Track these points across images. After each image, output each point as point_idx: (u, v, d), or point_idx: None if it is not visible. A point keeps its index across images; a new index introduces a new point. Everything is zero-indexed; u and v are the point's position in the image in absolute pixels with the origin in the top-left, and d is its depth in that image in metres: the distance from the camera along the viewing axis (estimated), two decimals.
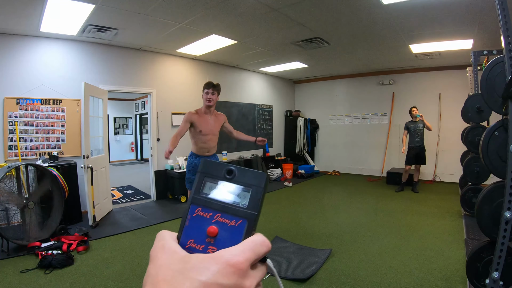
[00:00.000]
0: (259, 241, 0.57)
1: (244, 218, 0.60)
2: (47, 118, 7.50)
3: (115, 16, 6.58)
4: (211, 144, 5.92)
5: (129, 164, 19.57)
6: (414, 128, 10.16)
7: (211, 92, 5.72)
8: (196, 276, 0.49)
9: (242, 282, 0.51)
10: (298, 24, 7.27)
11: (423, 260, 5.22)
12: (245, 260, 0.52)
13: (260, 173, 0.62)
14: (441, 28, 7.43)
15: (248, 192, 0.61)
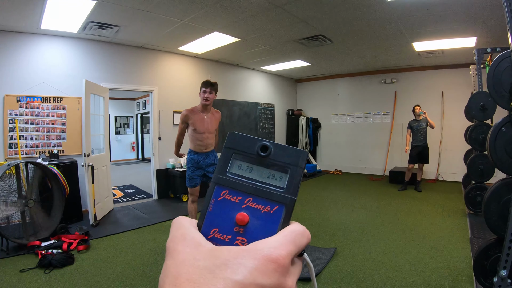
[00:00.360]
0: (299, 231, 0.49)
1: (282, 204, 0.51)
2: (48, 116, 7.47)
3: (116, 12, 6.53)
4: (207, 141, 5.97)
5: (130, 163, 19.52)
6: (417, 126, 10.12)
7: (209, 91, 5.74)
8: (230, 275, 0.40)
9: (285, 280, 0.43)
10: (301, 21, 7.22)
11: (428, 259, 5.17)
12: (287, 255, 0.44)
13: (300, 151, 0.53)
14: (444, 26, 7.37)
15: (286, 173, 0.52)
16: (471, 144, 6.44)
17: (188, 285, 0.40)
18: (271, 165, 0.53)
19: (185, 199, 9.17)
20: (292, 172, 0.52)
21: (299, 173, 0.52)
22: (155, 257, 5.45)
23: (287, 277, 0.43)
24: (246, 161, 0.54)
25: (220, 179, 0.53)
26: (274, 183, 0.52)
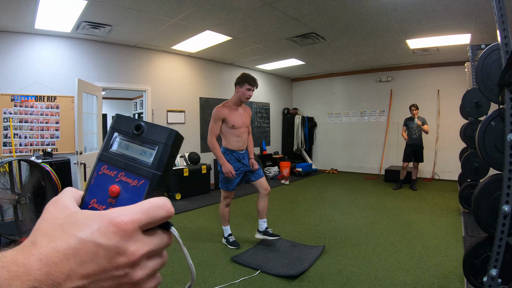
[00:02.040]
0: (157, 203, 0.53)
1: (146, 178, 0.56)
2: (42, 115, 7.52)
3: (108, 12, 6.57)
4: (244, 137, 5.64)
5: None
6: (412, 124, 10.15)
7: (253, 90, 5.53)
8: (75, 232, 0.46)
9: (125, 245, 0.48)
10: (292, 19, 7.24)
11: (419, 258, 5.15)
12: (130, 221, 0.49)
13: (168, 129, 0.58)
14: (438, 22, 7.38)
15: (154, 150, 0.58)
16: (465, 141, 6.41)
17: (40, 236, 0.47)
18: (144, 142, 0.58)
19: (178, 197, 9.24)
20: (159, 149, 0.57)
21: (166, 150, 0.57)
22: None
23: (129, 242, 0.48)
24: (124, 139, 0.59)
25: (102, 156, 0.59)
26: (144, 159, 0.57)
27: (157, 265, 0.54)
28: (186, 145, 10.58)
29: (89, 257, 0.45)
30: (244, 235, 6.32)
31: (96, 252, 0.45)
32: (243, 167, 5.56)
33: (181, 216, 7.73)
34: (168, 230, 0.57)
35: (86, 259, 0.44)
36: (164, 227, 0.56)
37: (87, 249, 0.45)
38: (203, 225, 7.09)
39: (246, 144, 5.72)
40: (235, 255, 5.26)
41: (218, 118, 5.39)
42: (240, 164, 5.54)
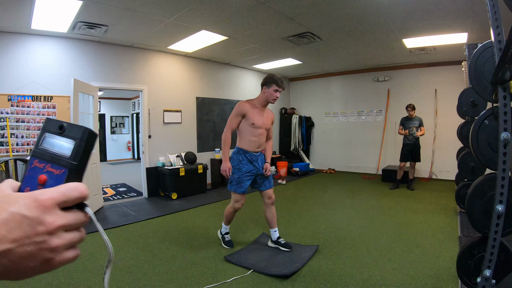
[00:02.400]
0: (72, 186, 0.65)
1: (66, 167, 0.68)
2: (38, 115, 7.51)
3: (103, 12, 6.58)
4: (262, 139, 5.34)
5: (125, 163, 19.50)
6: (409, 124, 10.17)
7: (280, 91, 5.28)
8: (7, 207, 0.58)
9: (44, 216, 0.60)
10: (287, 18, 7.24)
11: (413, 258, 5.12)
12: (49, 198, 0.61)
13: (83, 128, 0.69)
14: (434, 21, 7.37)
15: (73, 144, 0.69)
16: (462, 141, 6.37)
17: None
18: (65, 139, 0.70)
19: (174, 197, 9.26)
20: (76, 144, 0.69)
21: (81, 144, 0.68)
22: (137, 252, 5.49)
23: (47, 214, 0.60)
24: (50, 137, 0.71)
25: (34, 152, 0.71)
26: (64, 152, 0.69)
27: (75, 239, 0.66)
28: (183, 144, 10.58)
29: (16, 225, 0.57)
30: (239, 235, 6.32)
31: (21, 221, 0.57)
32: (255, 169, 5.31)
33: (176, 216, 7.73)
34: (83, 210, 0.68)
35: (13, 227, 0.57)
36: (80, 207, 0.67)
37: (15, 219, 0.57)
38: (198, 224, 7.09)
39: (263, 148, 5.48)
40: (228, 254, 5.25)
41: (239, 113, 5.20)
42: (252, 166, 5.29)
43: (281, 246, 5.46)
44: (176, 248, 5.64)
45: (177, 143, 10.34)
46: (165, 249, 5.61)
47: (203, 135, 11.32)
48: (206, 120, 11.47)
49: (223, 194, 9.87)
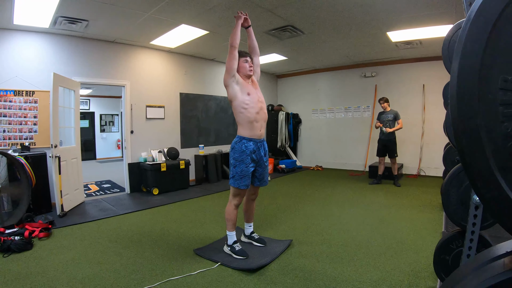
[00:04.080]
0: None
1: None
2: (20, 109, 7.55)
3: (82, 7, 6.57)
4: (264, 115, 4.95)
5: (115, 161, 19.37)
6: (384, 118, 10.22)
7: (248, 58, 4.95)
8: None
9: None
10: (267, 11, 7.21)
11: (392, 254, 5.02)
12: None
13: None
14: (417, 12, 7.30)
15: None
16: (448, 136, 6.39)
17: None
18: None
19: (155, 192, 9.25)
20: None
21: None
22: (109, 244, 5.48)
23: None
24: None
25: None
26: None
27: None
28: (166, 140, 10.55)
29: None
30: (212, 228, 6.33)
31: None
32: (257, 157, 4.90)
33: (154, 210, 7.73)
34: None
35: None
36: None
37: None
38: (175, 218, 7.08)
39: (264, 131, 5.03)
40: (197, 248, 5.23)
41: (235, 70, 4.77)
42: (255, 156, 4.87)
43: (254, 241, 5.37)
44: (147, 241, 5.63)
45: (160, 139, 10.32)
46: (137, 242, 5.59)
47: (187, 131, 11.28)
48: (190, 116, 11.42)
49: (206, 190, 9.87)
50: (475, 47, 0.96)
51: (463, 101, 0.99)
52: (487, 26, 0.93)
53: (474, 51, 0.96)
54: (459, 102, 0.99)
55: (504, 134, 0.98)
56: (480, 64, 0.95)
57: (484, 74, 0.95)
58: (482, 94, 0.96)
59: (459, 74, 0.99)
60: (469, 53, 0.97)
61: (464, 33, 0.97)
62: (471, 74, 0.97)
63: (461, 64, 0.98)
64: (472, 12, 0.97)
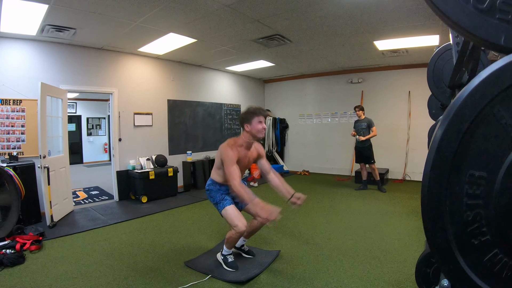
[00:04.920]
0: None
1: None
2: (7, 119, 7.47)
3: (70, 15, 6.55)
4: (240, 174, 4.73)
5: (102, 165, 19.27)
6: (358, 127, 10.42)
7: (264, 120, 4.70)
8: None
9: None
10: (255, 21, 7.26)
11: (376, 263, 5.09)
12: None
13: None
14: (404, 23, 7.41)
15: None
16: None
17: None
18: None
19: (144, 200, 9.24)
20: None
21: None
22: (101, 258, 5.46)
23: None
24: None
25: None
26: None
27: None
28: (154, 147, 10.54)
29: None
30: (201, 239, 6.36)
31: None
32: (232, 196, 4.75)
33: (144, 220, 7.71)
34: None
35: None
36: None
37: None
38: (164, 228, 7.07)
39: None
40: (188, 260, 5.26)
41: (233, 160, 4.53)
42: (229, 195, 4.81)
43: (243, 253, 5.39)
44: (139, 253, 5.64)
45: (148, 146, 10.30)
46: (128, 254, 5.60)
47: (174, 138, 11.29)
48: (178, 123, 11.43)
49: (194, 197, 9.91)
50: (450, 143, 1.10)
51: (432, 190, 1.15)
52: (463, 126, 1.06)
53: (449, 147, 1.10)
54: (430, 190, 1.15)
55: (465, 222, 1.12)
56: (452, 158, 1.09)
57: (455, 168, 1.09)
58: (450, 185, 1.09)
59: (432, 167, 1.16)
60: (444, 148, 1.11)
61: (442, 128, 1.08)
62: (443, 167, 1.12)
63: (435, 157, 1.14)
64: (451, 110, 1.06)
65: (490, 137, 1.04)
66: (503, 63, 1.03)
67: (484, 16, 1.13)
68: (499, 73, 1.00)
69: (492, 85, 1.01)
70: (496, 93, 1.00)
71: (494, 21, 1.12)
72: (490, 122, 1.04)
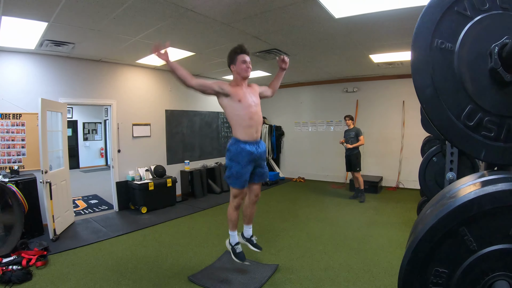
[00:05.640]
0: None
1: None
2: (7, 133, 7.50)
3: (69, 32, 6.61)
4: (258, 119, 4.79)
5: (98, 170, 19.34)
6: (347, 135, 10.73)
7: (249, 60, 4.74)
8: None
9: None
10: (253, 37, 7.37)
11: (369, 277, 5.20)
12: None
13: None
14: (398, 40, 7.55)
15: None
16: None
17: None
18: None
19: (144, 211, 9.32)
20: None
21: None
22: (106, 272, 5.54)
23: None
24: None
25: None
26: None
27: None
28: (152, 157, 10.62)
29: None
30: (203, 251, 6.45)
31: None
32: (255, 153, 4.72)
33: (145, 232, 7.79)
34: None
35: None
36: None
37: None
38: (165, 241, 7.14)
39: (260, 133, 4.91)
40: (192, 275, 5.34)
41: (219, 85, 4.58)
42: (251, 155, 4.68)
43: (251, 245, 5.33)
44: (143, 268, 5.72)
45: (147, 156, 10.38)
46: (133, 269, 5.68)
47: (172, 147, 11.38)
48: (175, 133, 11.52)
49: (193, 207, 9.98)
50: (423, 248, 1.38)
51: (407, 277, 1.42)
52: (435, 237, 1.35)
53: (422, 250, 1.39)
54: (405, 277, 1.43)
55: None
56: (423, 258, 1.37)
57: (425, 264, 1.37)
58: (420, 275, 1.39)
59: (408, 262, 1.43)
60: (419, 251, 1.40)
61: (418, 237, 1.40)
62: (416, 263, 1.40)
63: (410, 257, 1.43)
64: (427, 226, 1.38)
65: (453, 246, 1.29)
66: (472, 197, 1.27)
67: (470, 132, 1.34)
68: (469, 203, 1.24)
69: (462, 212, 1.25)
70: (464, 218, 1.25)
71: (478, 137, 1.37)
72: (455, 237, 1.28)
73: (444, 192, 1.48)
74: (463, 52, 1.41)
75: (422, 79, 1.44)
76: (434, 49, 1.43)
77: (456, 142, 1.41)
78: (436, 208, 1.33)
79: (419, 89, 1.43)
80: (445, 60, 1.44)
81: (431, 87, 1.42)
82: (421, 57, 1.44)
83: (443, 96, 1.42)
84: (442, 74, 1.43)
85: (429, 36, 1.42)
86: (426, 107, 1.43)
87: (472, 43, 1.40)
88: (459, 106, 1.43)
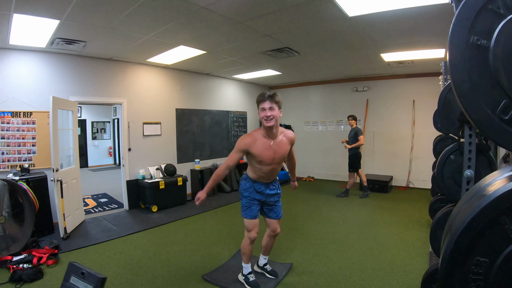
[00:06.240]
0: None
1: None
2: (18, 131, 7.51)
3: (81, 30, 6.59)
4: (273, 174, 4.65)
5: (107, 169, 19.45)
6: (349, 135, 10.87)
7: (269, 107, 4.19)
8: None
9: None
10: (265, 36, 7.35)
11: (383, 276, 5.18)
12: None
13: (97, 277, 1.01)
14: (411, 38, 7.50)
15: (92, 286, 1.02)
16: (436, 157, 6.40)
17: None
18: (86, 283, 0.97)
19: (154, 209, 9.32)
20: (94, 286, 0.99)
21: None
22: (119, 271, 5.53)
23: None
24: (76, 279, 1.01)
25: (63, 286, 0.98)
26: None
27: None
28: (162, 156, 10.62)
29: None
30: (216, 250, 6.42)
31: None
32: (263, 197, 4.69)
33: (156, 230, 7.79)
34: None
35: None
36: None
37: None
38: (177, 240, 7.13)
39: (275, 177, 4.84)
40: (206, 273, 5.33)
41: (239, 149, 4.33)
42: (259, 195, 4.68)
43: (267, 273, 5.31)
44: (156, 266, 5.71)
45: (157, 155, 10.38)
46: (146, 267, 5.67)
47: (182, 146, 11.36)
48: (186, 131, 11.51)
49: (203, 206, 9.86)
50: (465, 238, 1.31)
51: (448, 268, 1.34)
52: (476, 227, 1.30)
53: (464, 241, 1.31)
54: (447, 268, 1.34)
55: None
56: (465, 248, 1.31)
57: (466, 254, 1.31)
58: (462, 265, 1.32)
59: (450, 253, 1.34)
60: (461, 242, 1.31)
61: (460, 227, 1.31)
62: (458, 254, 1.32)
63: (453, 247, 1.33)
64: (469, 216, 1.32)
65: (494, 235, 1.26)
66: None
67: (505, 126, 1.31)
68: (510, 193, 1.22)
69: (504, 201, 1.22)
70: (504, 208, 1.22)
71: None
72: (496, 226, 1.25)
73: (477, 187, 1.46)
74: (497, 49, 1.39)
75: (460, 74, 1.41)
76: (471, 45, 1.40)
77: (492, 135, 1.39)
78: (475, 201, 1.32)
79: (457, 85, 1.41)
80: (481, 57, 1.40)
81: (468, 82, 1.39)
82: (458, 54, 1.41)
83: (479, 91, 1.39)
84: (478, 70, 1.41)
85: (465, 33, 1.39)
86: (463, 101, 1.40)
87: (506, 40, 1.37)
88: (494, 101, 1.40)
